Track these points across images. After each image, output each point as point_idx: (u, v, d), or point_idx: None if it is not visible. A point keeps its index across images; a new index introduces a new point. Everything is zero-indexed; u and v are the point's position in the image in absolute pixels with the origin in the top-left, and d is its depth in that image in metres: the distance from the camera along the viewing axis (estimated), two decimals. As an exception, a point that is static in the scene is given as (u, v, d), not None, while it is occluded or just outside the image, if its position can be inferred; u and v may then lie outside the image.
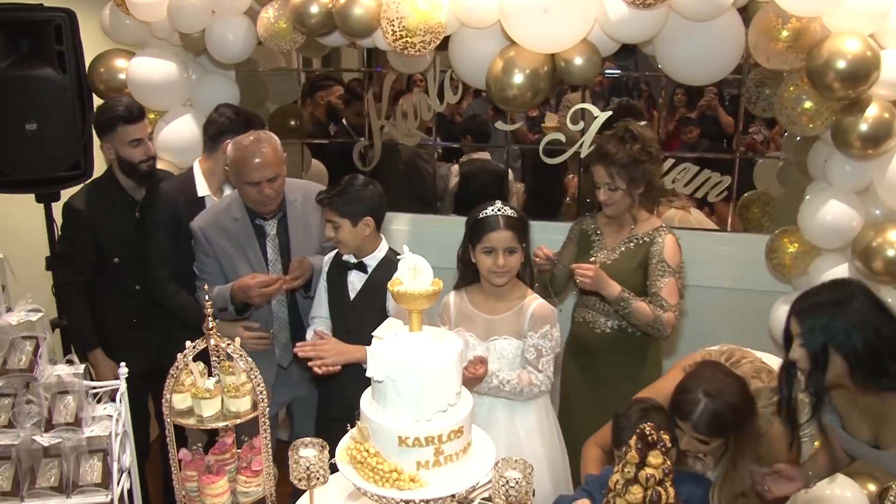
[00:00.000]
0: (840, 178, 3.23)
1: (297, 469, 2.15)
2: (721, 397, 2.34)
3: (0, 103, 3.55)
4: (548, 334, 2.83)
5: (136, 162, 3.31)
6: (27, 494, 2.32)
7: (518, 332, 2.84)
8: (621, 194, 3.06)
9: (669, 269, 3.03)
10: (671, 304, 2.99)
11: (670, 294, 3.01)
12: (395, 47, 3.15)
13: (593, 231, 3.26)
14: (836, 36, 2.97)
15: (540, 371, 2.82)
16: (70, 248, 3.40)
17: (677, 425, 2.41)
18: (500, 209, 2.81)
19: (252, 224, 3.20)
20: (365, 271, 3.04)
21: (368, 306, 3.00)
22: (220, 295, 3.10)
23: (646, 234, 3.12)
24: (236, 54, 3.64)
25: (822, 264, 3.32)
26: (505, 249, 2.77)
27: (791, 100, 3.20)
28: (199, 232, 3.19)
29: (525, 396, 2.82)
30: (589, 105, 3.91)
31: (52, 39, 3.61)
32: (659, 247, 3.06)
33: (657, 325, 2.96)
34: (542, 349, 2.82)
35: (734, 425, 2.36)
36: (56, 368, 2.38)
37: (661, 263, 3.03)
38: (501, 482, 2.01)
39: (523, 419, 2.85)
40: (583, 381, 3.22)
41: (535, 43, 3.18)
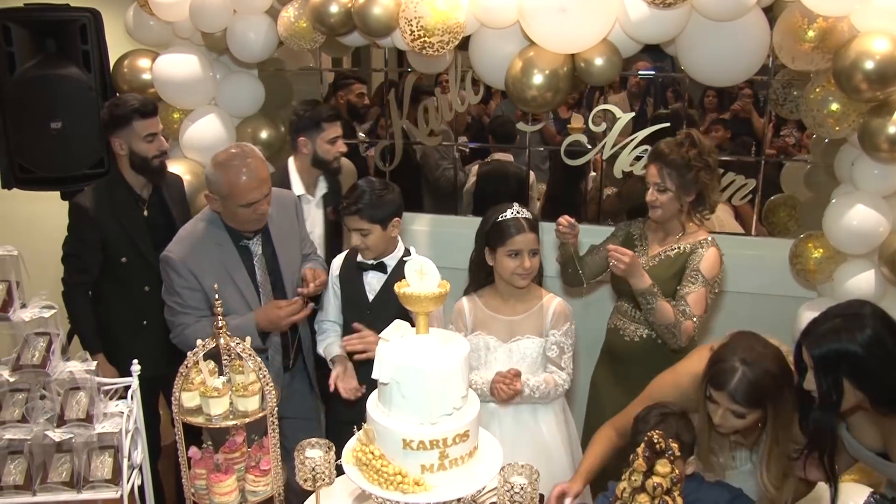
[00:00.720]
0: (867, 181, 3.16)
1: (302, 470, 2.16)
2: (759, 365, 2.24)
3: (26, 102, 3.63)
4: (569, 331, 2.88)
5: (149, 157, 3.29)
6: (39, 488, 2.34)
7: (540, 331, 2.87)
8: (669, 197, 2.97)
9: (702, 279, 2.92)
10: (694, 313, 2.89)
11: (696, 303, 2.90)
12: (414, 47, 3.14)
13: (639, 236, 3.18)
14: (863, 36, 2.91)
15: (563, 368, 2.85)
16: (76, 248, 3.34)
17: (711, 398, 2.31)
18: (519, 212, 2.81)
19: (237, 247, 3.01)
20: (384, 272, 3.02)
21: (389, 306, 2.98)
22: (238, 329, 2.80)
23: (688, 245, 3.02)
24: (257, 53, 3.65)
25: (847, 270, 3.24)
26: (530, 251, 2.79)
27: (817, 101, 3.13)
28: (180, 264, 2.92)
29: (551, 398, 2.85)
30: (612, 106, 3.86)
31: (77, 39, 3.68)
32: (698, 256, 2.96)
33: (675, 330, 2.87)
34: (563, 346, 2.86)
35: (772, 395, 2.26)
36: (69, 365, 2.40)
37: (695, 272, 2.93)
38: (507, 487, 2.00)
39: (545, 419, 2.89)
40: (613, 388, 3.14)
41: (553, 43, 3.15)
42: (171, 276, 2.94)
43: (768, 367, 2.25)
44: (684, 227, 3.05)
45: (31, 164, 3.71)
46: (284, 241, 3.14)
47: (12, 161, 3.69)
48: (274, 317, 2.95)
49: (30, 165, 3.71)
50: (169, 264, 2.93)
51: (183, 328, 2.95)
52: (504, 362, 2.84)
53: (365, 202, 2.89)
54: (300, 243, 3.25)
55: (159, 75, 3.81)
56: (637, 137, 3.65)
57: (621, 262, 2.81)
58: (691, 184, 2.96)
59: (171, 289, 2.96)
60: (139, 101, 3.28)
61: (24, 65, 3.64)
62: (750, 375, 2.24)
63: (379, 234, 2.93)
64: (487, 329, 2.89)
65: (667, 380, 2.58)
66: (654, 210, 3.02)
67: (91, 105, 3.71)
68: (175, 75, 3.80)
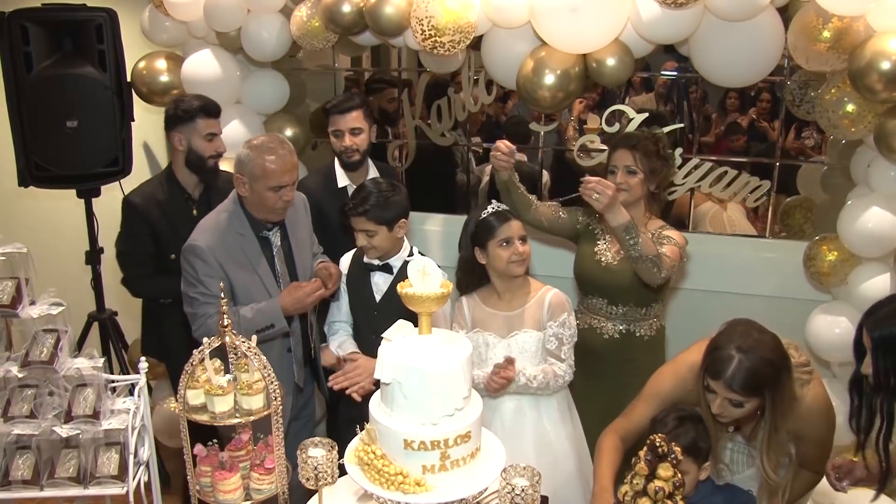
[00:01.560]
0: (883, 183, 3.12)
1: (305, 469, 2.16)
2: (756, 353, 2.22)
3: (43, 101, 3.65)
4: (566, 322, 2.88)
5: (205, 156, 3.35)
6: (47, 484, 2.37)
7: (538, 324, 2.88)
8: (639, 180, 3.04)
9: (673, 241, 3.00)
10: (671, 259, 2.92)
11: (670, 253, 2.94)
12: (425, 47, 3.14)
13: (601, 231, 3.19)
14: (879, 36, 2.87)
15: (563, 360, 2.85)
16: (128, 243, 3.41)
17: (709, 387, 2.28)
18: (498, 206, 2.91)
19: (258, 238, 3.00)
20: (391, 272, 3.03)
21: (396, 307, 2.98)
22: (263, 313, 2.91)
23: (650, 233, 3.04)
24: (271, 52, 3.67)
25: (861, 273, 3.20)
26: (519, 237, 2.85)
27: (832, 102, 3.09)
28: (208, 253, 2.88)
29: (552, 389, 2.84)
30: (625, 107, 3.84)
31: (93, 38, 3.70)
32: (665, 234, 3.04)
33: (657, 260, 2.85)
34: (562, 337, 2.86)
35: (770, 382, 2.23)
36: (76, 361, 2.43)
37: (665, 238, 3.00)
38: (508, 489, 1.98)
39: (548, 412, 2.88)
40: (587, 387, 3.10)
41: (564, 43, 3.13)
42: (195, 265, 2.89)
43: (765, 354, 2.23)
44: (645, 216, 3.12)
45: (46, 163, 3.74)
46: (299, 237, 3.15)
47: (28, 159, 3.72)
48: (299, 295, 2.92)
49: (45, 164, 3.74)
50: (195, 253, 2.88)
51: (205, 318, 2.91)
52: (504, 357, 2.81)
53: (371, 203, 2.90)
54: (311, 241, 3.25)
55: (188, 76, 3.83)
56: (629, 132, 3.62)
57: (605, 197, 2.72)
58: (656, 173, 3.07)
59: (195, 279, 2.90)
60: (205, 101, 3.35)
61: (41, 64, 3.65)
62: (746, 363, 2.21)
63: (384, 235, 2.94)
64: (486, 326, 2.92)
65: (667, 372, 2.56)
66: (622, 193, 2.98)
67: (106, 104, 3.74)
68: (203, 75, 3.82)
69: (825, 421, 2.38)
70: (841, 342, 3.16)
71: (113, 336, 4.14)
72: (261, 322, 2.89)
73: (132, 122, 3.93)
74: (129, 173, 3.95)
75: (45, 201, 4.24)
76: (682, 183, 3.70)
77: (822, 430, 2.39)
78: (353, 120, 3.43)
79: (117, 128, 3.80)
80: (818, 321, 3.31)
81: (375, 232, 2.92)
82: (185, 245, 2.92)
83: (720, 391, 2.25)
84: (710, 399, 2.30)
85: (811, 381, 2.35)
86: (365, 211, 2.90)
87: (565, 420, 2.92)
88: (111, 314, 4.15)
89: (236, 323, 2.77)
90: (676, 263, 2.99)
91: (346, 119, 3.43)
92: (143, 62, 3.97)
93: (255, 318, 2.89)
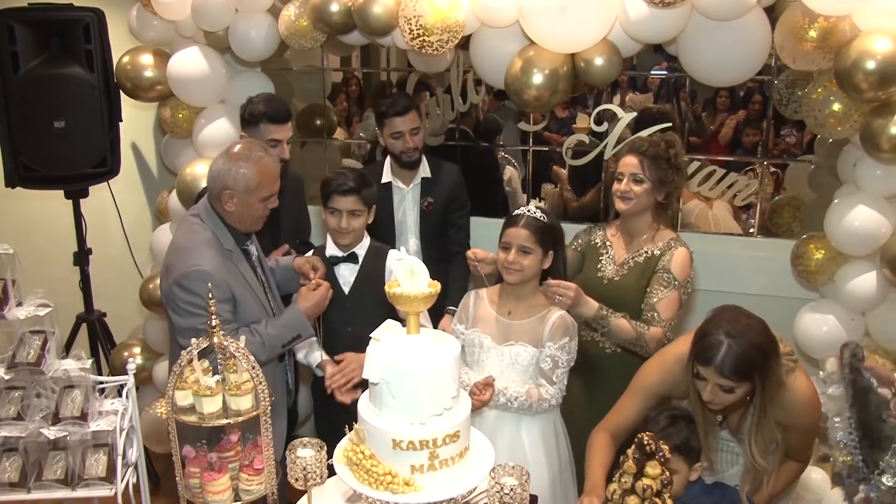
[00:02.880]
0: (869, 182, 3.12)
1: (294, 469, 2.16)
2: (745, 337, 2.21)
3: (30, 101, 3.65)
4: (566, 346, 2.76)
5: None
6: (34, 486, 2.36)
7: (536, 341, 2.77)
8: (645, 189, 2.89)
9: (675, 282, 2.86)
10: (663, 318, 2.83)
11: (667, 308, 2.84)
12: (413, 46, 3.14)
13: (602, 243, 3.08)
14: (865, 35, 2.88)
15: (553, 383, 2.75)
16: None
17: (699, 375, 2.28)
18: (529, 210, 2.77)
19: (241, 251, 2.85)
20: (356, 261, 3.09)
21: (367, 295, 3.00)
22: (288, 326, 2.79)
23: (657, 247, 2.94)
24: (259, 52, 3.66)
25: (848, 272, 3.21)
26: (519, 247, 2.72)
27: (819, 102, 3.10)
28: (216, 275, 2.62)
29: (534, 411, 2.75)
30: (614, 106, 3.85)
31: (80, 38, 3.69)
32: (668, 258, 2.89)
33: (640, 342, 2.81)
34: (559, 361, 2.74)
35: (759, 366, 2.23)
36: (64, 363, 2.42)
37: (666, 274, 2.86)
38: (497, 489, 1.99)
39: (528, 430, 2.78)
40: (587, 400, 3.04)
41: (553, 42, 3.14)
42: (202, 292, 2.54)
43: (754, 339, 2.23)
44: (652, 228, 2.98)
45: (34, 163, 3.72)
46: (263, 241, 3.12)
47: (16, 160, 3.70)
48: (317, 299, 2.84)
49: (33, 164, 3.72)
50: (204, 279, 2.55)
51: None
52: (495, 364, 2.79)
53: (360, 183, 2.96)
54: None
55: (174, 74, 3.81)
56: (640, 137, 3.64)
57: (567, 298, 2.71)
58: (667, 182, 2.91)
59: (201, 307, 2.54)
60: (272, 106, 3.28)
61: (28, 64, 3.65)
62: (736, 348, 2.20)
63: (364, 218, 3.02)
64: (485, 326, 2.85)
65: (652, 366, 2.56)
66: (626, 201, 2.92)
67: (94, 104, 3.74)
68: (189, 73, 3.79)
69: (810, 410, 2.38)
70: (829, 340, 3.18)
71: (101, 337, 4.13)
72: (287, 335, 2.80)
73: (120, 122, 3.92)
74: (117, 174, 3.95)
75: (32, 202, 4.22)
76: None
77: (807, 418, 2.39)
78: (411, 120, 3.48)
79: (105, 128, 3.79)
80: (806, 319, 3.32)
81: (361, 212, 2.99)
82: (185, 272, 2.63)
83: (711, 377, 2.25)
84: (700, 387, 2.29)
85: (795, 369, 2.36)
86: (356, 189, 2.96)
87: (547, 441, 2.81)
88: (100, 315, 4.15)
89: (259, 343, 2.69)
90: (669, 321, 2.84)
91: (404, 120, 3.47)
92: (127, 57, 3.92)
93: (280, 333, 2.78)
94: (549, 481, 2.77)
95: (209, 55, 3.80)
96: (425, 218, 3.64)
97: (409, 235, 3.64)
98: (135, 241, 4.50)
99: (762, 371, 2.24)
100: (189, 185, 3.77)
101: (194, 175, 3.79)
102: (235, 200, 2.73)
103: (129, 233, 4.48)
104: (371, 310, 2.39)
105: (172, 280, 2.64)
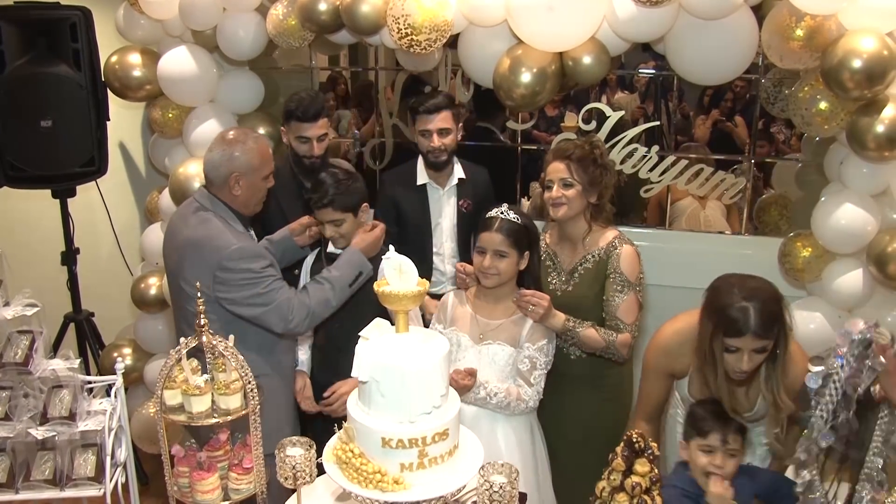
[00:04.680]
0: (856, 180, 3.14)
1: (283, 468, 2.15)
2: (761, 294, 2.30)
3: (17, 100, 3.63)
4: (544, 348, 2.78)
5: (300, 155, 3.37)
6: (22, 486, 2.35)
7: (514, 341, 2.79)
8: (576, 192, 2.88)
9: (628, 284, 2.86)
10: (628, 323, 2.86)
11: (628, 312, 2.86)
12: (401, 45, 3.14)
13: (547, 256, 3.05)
14: (851, 34, 2.89)
15: (532, 384, 2.75)
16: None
17: (730, 349, 2.30)
18: (504, 212, 2.78)
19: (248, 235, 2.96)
20: None
21: (361, 293, 2.99)
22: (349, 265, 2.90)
23: (601, 250, 2.93)
24: (247, 51, 3.65)
25: (835, 269, 3.23)
26: (494, 252, 2.74)
27: (806, 100, 3.12)
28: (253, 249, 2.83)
29: (511, 411, 2.75)
30: (602, 105, 3.86)
31: (67, 37, 3.68)
32: (615, 259, 2.89)
33: (611, 349, 2.84)
34: (537, 362, 2.76)
35: (780, 315, 2.32)
36: (52, 363, 2.41)
37: (618, 276, 2.86)
38: (486, 486, 1.99)
39: (504, 432, 2.78)
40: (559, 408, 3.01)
41: (541, 41, 3.14)
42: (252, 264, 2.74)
43: (767, 291, 2.33)
44: (590, 227, 2.96)
45: (21, 163, 3.70)
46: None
47: (2, 159, 3.68)
48: (372, 239, 2.96)
49: (20, 164, 3.70)
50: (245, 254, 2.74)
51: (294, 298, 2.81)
52: (472, 363, 2.78)
53: (334, 193, 2.93)
54: None
55: (164, 73, 3.79)
56: (627, 136, 3.66)
57: (539, 308, 2.73)
58: (596, 183, 2.90)
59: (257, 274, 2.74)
60: (300, 104, 3.30)
61: (14, 63, 3.62)
62: (759, 306, 2.26)
63: (352, 222, 3.00)
64: (463, 326, 2.85)
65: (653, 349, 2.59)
66: (558, 208, 2.91)
67: (81, 103, 3.72)
68: (179, 73, 3.77)
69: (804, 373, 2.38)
70: (816, 337, 3.18)
71: (90, 337, 4.11)
72: (350, 275, 2.90)
73: (108, 121, 3.90)
74: (104, 173, 3.93)
75: (19, 201, 4.20)
76: (660, 180, 3.73)
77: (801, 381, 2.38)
78: (441, 121, 3.41)
79: (93, 127, 3.78)
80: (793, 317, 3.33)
81: (343, 220, 2.97)
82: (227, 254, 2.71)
83: (746, 345, 2.28)
84: (733, 360, 2.31)
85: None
86: (331, 202, 2.94)
87: (523, 445, 2.80)
88: (88, 315, 4.13)
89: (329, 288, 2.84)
90: (633, 324, 2.88)
91: (433, 120, 3.40)
92: (115, 56, 3.90)
93: (344, 273, 2.88)
94: (523, 485, 2.75)
95: (199, 54, 3.78)
96: (463, 220, 3.57)
97: (444, 238, 3.58)
98: (123, 241, 4.49)
99: (782, 319, 2.32)
100: (182, 185, 3.76)
101: (187, 175, 3.77)
102: (242, 182, 2.82)
103: (117, 233, 4.46)
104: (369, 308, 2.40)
105: (217, 267, 2.71)
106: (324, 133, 3.34)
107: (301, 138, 3.33)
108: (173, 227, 2.94)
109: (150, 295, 4.06)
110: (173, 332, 3.99)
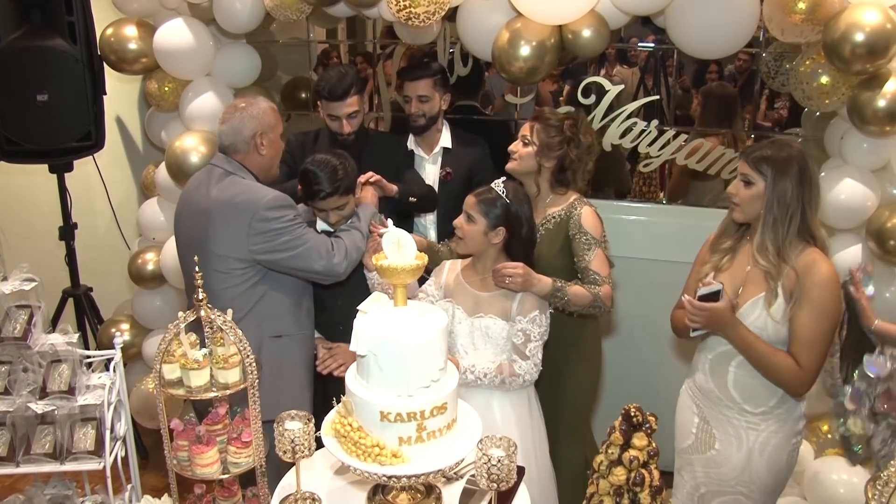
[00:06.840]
0: (856, 155, 3.13)
1: (282, 441, 2.16)
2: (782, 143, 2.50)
3: (12, 74, 3.59)
4: (536, 319, 2.78)
5: (331, 131, 3.39)
6: (22, 460, 2.36)
7: (506, 314, 2.80)
8: (529, 152, 3.00)
9: (595, 241, 2.94)
10: (603, 276, 2.92)
11: (601, 266, 2.93)
12: (399, 18, 3.11)
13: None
14: (854, 7, 2.86)
15: (527, 357, 2.76)
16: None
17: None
18: (496, 184, 2.82)
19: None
20: None
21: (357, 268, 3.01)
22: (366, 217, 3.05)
23: (562, 211, 3.01)
24: (244, 24, 3.61)
25: (834, 244, 3.21)
26: (466, 213, 2.81)
27: (807, 74, 3.09)
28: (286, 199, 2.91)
29: (507, 387, 2.77)
30: (601, 78, 3.83)
31: (62, 10, 3.63)
32: (577, 219, 2.96)
33: (597, 303, 2.89)
34: (530, 334, 2.77)
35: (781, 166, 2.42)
36: (50, 337, 2.41)
37: (584, 236, 2.94)
38: (484, 460, 2.00)
39: (500, 405, 2.80)
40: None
41: (540, 14, 3.11)
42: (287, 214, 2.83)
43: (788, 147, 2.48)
44: (539, 190, 3.06)
45: (17, 137, 3.67)
46: None
47: (-1, 134, 3.66)
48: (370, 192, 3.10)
49: (17, 138, 3.67)
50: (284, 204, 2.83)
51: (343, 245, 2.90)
52: (467, 336, 2.81)
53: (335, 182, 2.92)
54: None
55: (160, 46, 3.75)
56: (626, 110, 3.64)
57: (517, 277, 2.74)
58: (554, 149, 2.98)
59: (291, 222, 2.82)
60: (327, 86, 3.28)
61: (9, 36, 3.58)
62: (769, 145, 2.48)
63: (352, 201, 3.03)
64: (456, 297, 2.86)
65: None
66: (511, 161, 3.05)
67: (77, 77, 3.68)
68: (176, 45, 3.74)
69: (822, 288, 2.38)
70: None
71: (88, 311, 4.11)
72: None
73: (104, 95, 3.87)
74: (101, 147, 3.91)
75: (16, 176, 4.18)
76: (658, 155, 3.72)
77: (816, 294, 2.38)
78: (422, 87, 3.48)
79: (89, 101, 3.74)
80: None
81: (346, 202, 2.99)
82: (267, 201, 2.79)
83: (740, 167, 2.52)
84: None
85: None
86: (336, 189, 2.93)
87: (521, 419, 2.82)
88: (86, 290, 4.13)
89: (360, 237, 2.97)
90: (608, 276, 2.95)
91: (415, 86, 3.47)
92: (110, 29, 3.86)
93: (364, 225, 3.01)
94: (521, 459, 2.76)
95: (195, 27, 3.74)
96: (443, 188, 3.58)
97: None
98: (121, 216, 4.48)
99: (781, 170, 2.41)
100: (178, 159, 3.74)
101: (183, 148, 3.76)
102: (265, 140, 2.91)
103: (115, 208, 4.44)
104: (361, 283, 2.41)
105: (254, 218, 2.76)
106: (354, 110, 3.32)
107: (331, 116, 3.33)
108: (189, 198, 2.95)
109: (147, 270, 4.06)
110: (171, 308, 4.01)
